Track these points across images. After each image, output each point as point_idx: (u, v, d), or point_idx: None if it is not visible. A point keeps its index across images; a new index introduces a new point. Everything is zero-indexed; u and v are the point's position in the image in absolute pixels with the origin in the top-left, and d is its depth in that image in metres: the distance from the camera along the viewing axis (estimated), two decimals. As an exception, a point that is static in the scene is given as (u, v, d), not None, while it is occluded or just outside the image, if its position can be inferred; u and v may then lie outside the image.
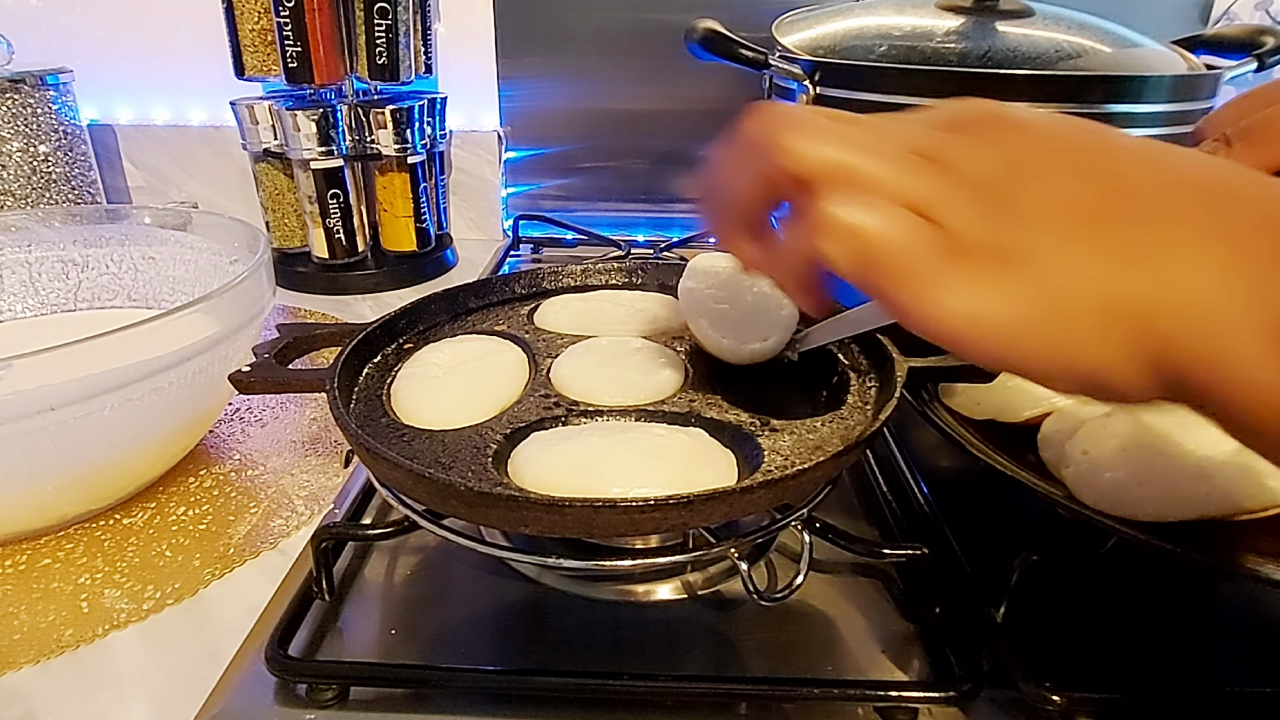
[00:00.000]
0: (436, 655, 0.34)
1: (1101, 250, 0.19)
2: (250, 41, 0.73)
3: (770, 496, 0.30)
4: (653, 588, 0.38)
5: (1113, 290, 0.19)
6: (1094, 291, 0.19)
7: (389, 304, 0.71)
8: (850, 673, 0.33)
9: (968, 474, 0.37)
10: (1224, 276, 0.18)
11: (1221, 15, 0.82)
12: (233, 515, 0.44)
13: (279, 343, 0.40)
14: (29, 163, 0.75)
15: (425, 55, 0.79)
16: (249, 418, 0.54)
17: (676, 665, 0.34)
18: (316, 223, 0.77)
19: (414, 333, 0.44)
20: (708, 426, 0.35)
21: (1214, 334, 0.18)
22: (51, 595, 0.38)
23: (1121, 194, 0.20)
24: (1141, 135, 0.60)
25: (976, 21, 0.64)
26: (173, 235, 0.57)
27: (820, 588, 0.38)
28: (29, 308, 0.56)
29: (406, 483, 0.31)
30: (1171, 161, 0.20)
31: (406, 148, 0.76)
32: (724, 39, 0.68)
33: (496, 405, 0.36)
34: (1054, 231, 0.20)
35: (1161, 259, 0.19)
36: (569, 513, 0.27)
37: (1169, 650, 0.35)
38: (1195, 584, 0.38)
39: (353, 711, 0.31)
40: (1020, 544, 0.34)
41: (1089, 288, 0.19)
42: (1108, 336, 0.19)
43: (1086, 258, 0.19)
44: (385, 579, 0.39)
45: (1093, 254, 0.19)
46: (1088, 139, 0.21)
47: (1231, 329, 0.18)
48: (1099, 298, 0.19)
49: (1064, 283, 0.19)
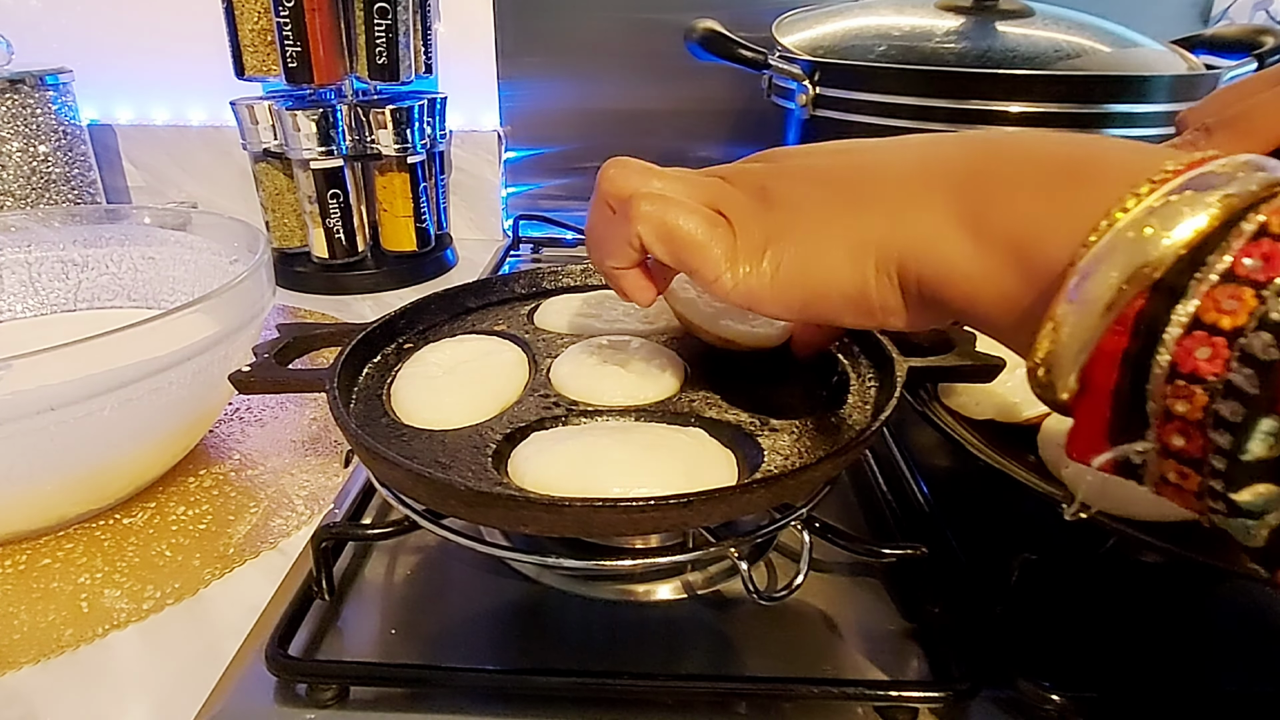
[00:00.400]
0: (436, 655, 0.34)
1: (839, 209, 0.26)
2: (250, 41, 0.73)
3: (770, 496, 0.30)
4: (652, 587, 0.38)
5: (854, 232, 0.26)
6: (841, 237, 0.26)
7: (389, 304, 0.71)
8: (849, 672, 0.33)
9: (967, 474, 0.37)
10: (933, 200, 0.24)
11: (1221, 15, 0.82)
12: (233, 515, 0.44)
13: (279, 343, 0.40)
14: (29, 163, 0.75)
15: (425, 55, 0.79)
16: (249, 418, 0.54)
17: (676, 665, 0.34)
18: (316, 223, 0.77)
19: (414, 333, 0.44)
20: (707, 426, 0.35)
21: (931, 240, 0.24)
22: (51, 595, 0.38)
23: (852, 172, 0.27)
24: (1141, 136, 0.60)
25: (976, 21, 0.64)
26: (173, 235, 0.57)
27: (820, 587, 0.38)
28: (29, 308, 0.56)
29: (406, 482, 0.31)
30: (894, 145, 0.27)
31: (406, 148, 0.76)
32: (724, 39, 0.68)
33: (496, 405, 0.36)
34: (807, 209, 0.27)
35: (889, 205, 0.25)
36: (568, 512, 0.28)
37: (1168, 650, 0.35)
38: (1195, 584, 0.38)
39: (353, 711, 0.31)
40: (1019, 544, 0.34)
41: (837, 237, 0.26)
42: (858, 263, 0.25)
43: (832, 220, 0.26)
44: (385, 579, 0.39)
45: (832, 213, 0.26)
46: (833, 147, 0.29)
47: (941, 231, 0.24)
48: (845, 240, 0.26)
49: (819, 238, 0.26)
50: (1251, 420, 0.17)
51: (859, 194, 0.26)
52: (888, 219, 0.25)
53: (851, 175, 0.27)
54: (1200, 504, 0.19)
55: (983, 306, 0.23)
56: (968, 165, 0.24)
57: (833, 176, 0.27)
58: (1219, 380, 0.18)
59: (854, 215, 0.26)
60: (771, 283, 0.27)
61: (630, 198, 0.29)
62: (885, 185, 0.26)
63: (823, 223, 0.26)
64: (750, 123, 0.88)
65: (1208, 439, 0.18)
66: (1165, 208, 0.19)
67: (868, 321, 0.27)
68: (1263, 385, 0.17)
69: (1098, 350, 0.20)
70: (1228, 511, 0.19)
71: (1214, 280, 0.18)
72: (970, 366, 0.37)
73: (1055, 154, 0.23)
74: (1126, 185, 0.19)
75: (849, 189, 0.26)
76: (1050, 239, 0.21)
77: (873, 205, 0.25)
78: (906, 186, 0.25)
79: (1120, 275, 0.19)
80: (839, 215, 0.26)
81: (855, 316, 0.27)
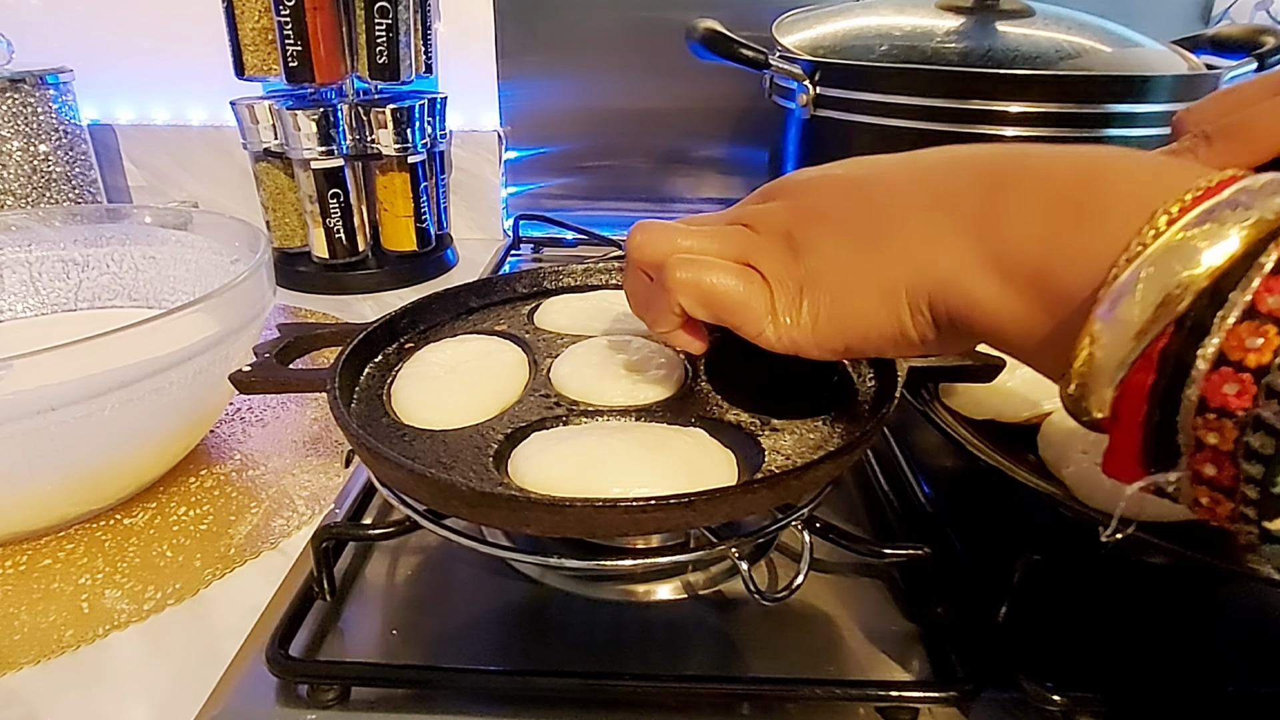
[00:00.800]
0: (438, 655, 0.34)
1: (865, 253, 0.27)
2: (250, 41, 0.73)
3: (771, 496, 0.30)
4: (654, 588, 0.38)
5: (883, 275, 0.26)
6: (871, 281, 0.27)
7: (389, 304, 0.71)
8: (852, 672, 0.33)
9: (968, 474, 0.37)
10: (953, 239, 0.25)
11: (1221, 15, 0.82)
12: (233, 515, 0.44)
13: (279, 343, 0.40)
14: (29, 162, 0.75)
15: (425, 55, 0.79)
16: (249, 418, 0.54)
17: (678, 665, 0.34)
18: (317, 222, 0.77)
19: (414, 332, 0.44)
20: (708, 426, 0.35)
21: (956, 278, 0.24)
22: (52, 595, 0.38)
23: (872, 210, 0.27)
24: (1142, 136, 0.60)
25: (977, 21, 0.64)
26: (173, 235, 0.57)
27: (821, 587, 0.38)
28: (29, 308, 0.56)
29: (407, 483, 0.31)
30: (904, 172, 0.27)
31: (407, 147, 0.76)
32: (724, 39, 0.68)
33: (497, 405, 0.36)
34: (833, 257, 0.28)
35: (910, 246, 0.26)
36: (570, 513, 0.27)
37: (1170, 650, 0.35)
38: (1195, 584, 0.38)
39: (354, 712, 0.31)
40: (1021, 544, 0.34)
41: (868, 281, 0.27)
42: (892, 304, 0.26)
43: (859, 264, 0.27)
44: (386, 579, 0.39)
45: (860, 258, 0.27)
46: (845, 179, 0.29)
47: (963, 269, 0.24)
48: (876, 284, 0.27)
49: (850, 286, 0.27)
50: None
51: (880, 234, 0.27)
52: (912, 261, 0.26)
53: (871, 211, 0.27)
54: (1235, 526, 0.20)
55: (1009, 334, 0.24)
56: (981, 195, 0.24)
57: (852, 217, 0.28)
58: (1248, 415, 0.18)
59: (880, 256, 0.26)
60: (814, 332, 0.28)
61: (664, 266, 0.30)
62: (905, 224, 0.26)
63: (851, 267, 0.27)
64: (751, 123, 0.88)
65: (1239, 469, 0.18)
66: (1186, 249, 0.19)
67: (910, 352, 0.28)
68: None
69: (1125, 386, 0.20)
70: (1260, 538, 0.19)
71: (1236, 317, 0.18)
72: (970, 366, 0.37)
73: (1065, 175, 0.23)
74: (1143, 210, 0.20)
75: (870, 230, 0.27)
76: (1069, 270, 0.21)
77: (894, 245, 0.26)
78: (925, 224, 0.25)
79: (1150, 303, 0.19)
80: (866, 259, 0.27)
81: (897, 350, 0.28)
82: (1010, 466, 0.35)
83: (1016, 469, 0.35)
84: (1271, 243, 0.18)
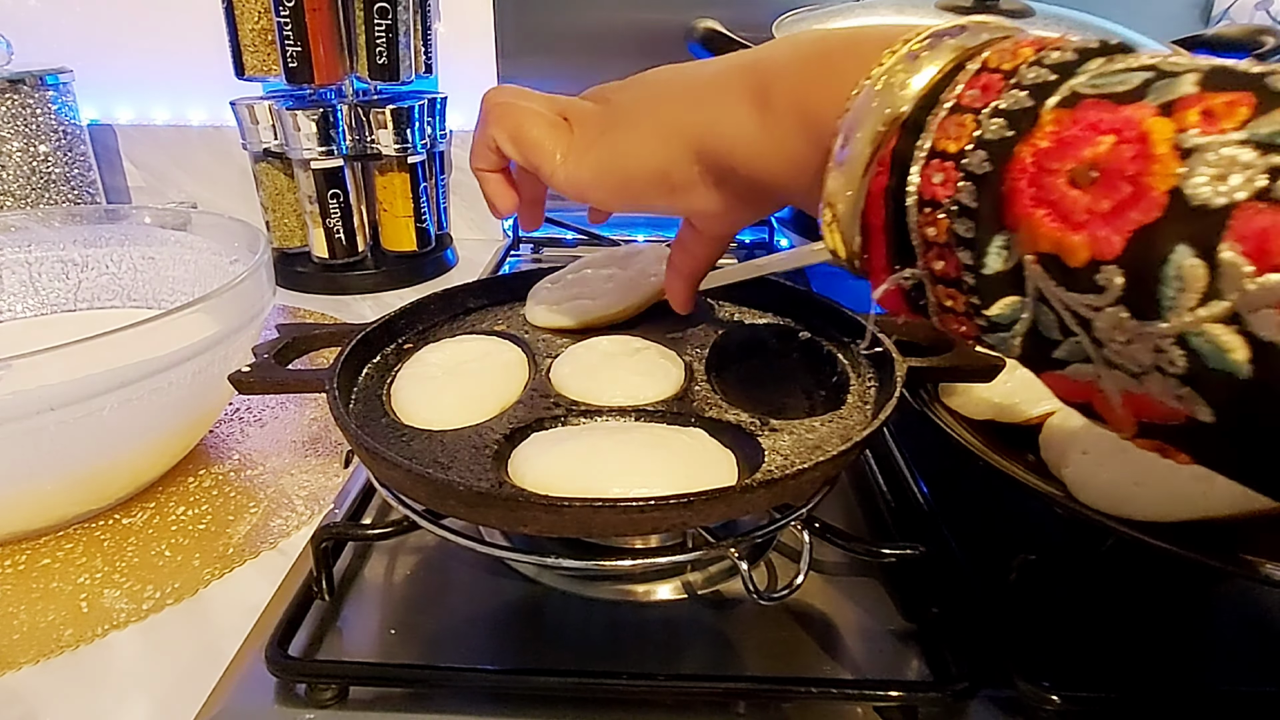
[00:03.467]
0: (436, 655, 0.34)
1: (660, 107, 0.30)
2: (250, 41, 0.73)
3: (770, 496, 0.30)
4: (652, 587, 0.38)
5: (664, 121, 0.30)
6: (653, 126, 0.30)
7: (389, 304, 0.71)
8: (849, 672, 0.34)
9: (967, 474, 0.37)
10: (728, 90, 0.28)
11: (1221, 15, 0.82)
12: (232, 515, 0.44)
13: (279, 343, 0.40)
14: (29, 163, 0.75)
15: (425, 55, 0.79)
16: (249, 418, 0.54)
17: (676, 665, 0.34)
18: (316, 223, 0.77)
19: (414, 333, 0.44)
20: (707, 426, 0.35)
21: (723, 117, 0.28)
22: (51, 595, 0.38)
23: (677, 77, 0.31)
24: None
25: (976, 21, 0.64)
26: (173, 235, 0.57)
27: (819, 587, 0.38)
28: (29, 308, 0.56)
29: (406, 483, 0.31)
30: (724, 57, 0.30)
31: (406, 148, 0.76)
32: (724, 39, 0.68)
33: (496, 405, 0.36)
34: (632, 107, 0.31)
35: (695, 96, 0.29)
36: (568, 513, 0.27)
37: (1168, 650, 0.35)
38: (1194, 584, 0.38)
39: (352, 711, 0.31)
40: (1019, 544, 0.34)
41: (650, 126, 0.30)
42: (665, 146, 0.30)
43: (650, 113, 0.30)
44: (385, 579, 0.39)
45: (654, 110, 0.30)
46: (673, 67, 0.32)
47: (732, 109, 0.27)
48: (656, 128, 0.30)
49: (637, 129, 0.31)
50: (984, 235, 0.19)
51: (675, 91, 0.30)
52: (692, 106, 0.29)
53: (676, 78, 0.31)
54: (972, 326, 0.21)
55: (772, 171, 0.27)
56: (761, 54, 0.28)
57: (662, 80, 0.31)
58: (952, 201, 0.20)
59: (667, 108, 0.30)
60: (594, 170, 0.32)
61: (489, 104, 0.35)
62: (698, 82, 0.30)
63: (642, 115, 0.31)
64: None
65: (956, 258, 0.20)
66: (911, 61, 0.21)
67: (674, 200, 0.31)
68: (980, 199, 0.19)
69: (869, 193, 0.22)
70: (987, 326, 0.21)
71: (944, 113, 0.20)
72: (970, 366, 0.37)
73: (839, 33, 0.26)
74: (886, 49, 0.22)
75: (670, 88, 0.31)
76: (826, 103, 0.23)
77: (683, 97, 0.30)
78: (714, 81, 0.29)
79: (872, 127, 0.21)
80: (657, 109, 0.30)
81: (661, 196, 0.31)
82: (1010, 466, 0.35)
83: (1016, 469, 0.35)
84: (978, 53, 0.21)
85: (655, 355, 0.40)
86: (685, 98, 0.30)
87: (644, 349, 0.40)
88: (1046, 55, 0.20)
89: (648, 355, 0.39)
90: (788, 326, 0.44)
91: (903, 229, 0.21)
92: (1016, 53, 0.20)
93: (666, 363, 0.39)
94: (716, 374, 0.39)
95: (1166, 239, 0.16)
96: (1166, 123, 0.16)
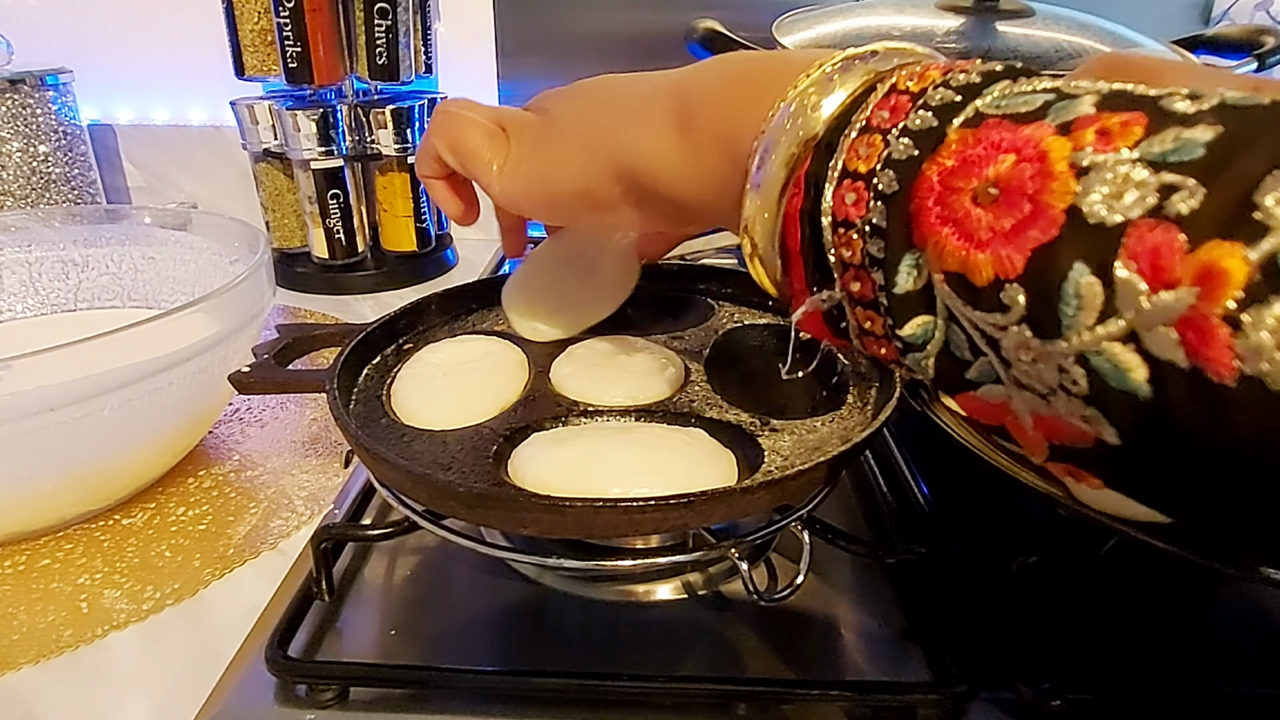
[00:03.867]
0: (436, 656, 0.34)
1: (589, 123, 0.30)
2: (250, 41, 0.73)
3: (770, 497, 0.30)
4: (652, 588, 0.38)
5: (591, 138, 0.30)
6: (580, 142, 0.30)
7: (389, 304, 0.71)
8: (849, 673, 0.33)
9: (967, 475, 0.37)
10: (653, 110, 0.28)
11: (1221, 15, 0.82)
12: (232, 516, 0.44)
13: (279, 343, 0.40)
14: (29, 163, 0.75)
15: (425, 55, 0.79)
16: (249, 418, 0.54)
17: (676, 666, 0.34)
18: (316, 223, 0.77)
19: (414, 333, 0.44)
20: (708, 426, 0.35)
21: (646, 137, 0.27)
22: (51, 595, 0.38)
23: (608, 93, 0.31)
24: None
25: (976, 21, 0.64)
26: (173, 235, 0.57)
27: (820, 588, 0.38)
28: (29, 308, 0.56)
29: (406, 483, 0.31)
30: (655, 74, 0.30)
31: (407, 148, 0.76)
32: (724, 39, 0.68)
33: (496, 406, 0.36)
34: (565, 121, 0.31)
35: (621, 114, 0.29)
36: (569, 513, 0.27)
37: (1168, 652, 0.35)
38: (1195, 585, 0.38)
39: (352, 712, 0.31)
40: (1019, 545, 0.34)
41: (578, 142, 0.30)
42: (589, 162, 0.29)
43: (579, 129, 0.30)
44: (385, 579, 0.39)
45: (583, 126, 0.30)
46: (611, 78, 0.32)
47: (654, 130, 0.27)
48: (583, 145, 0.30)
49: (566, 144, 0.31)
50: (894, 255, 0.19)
51: (604, 108, 0.30)
52: (616, 125, 0.29)
53: (609, 94, 0.31)
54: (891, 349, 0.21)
55: (694, 193, 0.27)
56: (688, 74, 0.28)
57: (596, 94, 0.31)
58: (864, 221, 0.20)
59: (594, 125, 0.30)
60: (524, 183, 0.32)
61: (435, 115, 0.35)
62: (627, 100, 0.30)
63: (571, 130, 0.31)
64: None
65: (871, 279, 0.20)
66: (825, 83, 0.22)
67: (599, 217, 0.31)
68: (889, 218, 0.19)
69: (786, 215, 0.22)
70: (903, 348, 0.21)
71: (855, 133, 0.20)
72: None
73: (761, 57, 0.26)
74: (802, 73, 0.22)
75: (600, 104, 0.31)
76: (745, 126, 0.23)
77: (610, 115, 0.30)
78: (640, 100, 0.29)
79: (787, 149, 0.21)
80: (584, 126, 0.30)
81: (586, 212, 0.31)
82: (1011, 467, 0.35)
83: (1017, 469, 0.35)
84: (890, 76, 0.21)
85: (655, 355, 0.40)
86: (612, 116, 0.30)
87: (644, 349, 0.40)
88: (954, 77, 0.20)
89: (648, 355, 0.39)
90: (788, 326, 0.43)
91: (820, 250, 0.21)
92: (925, 75, 0.20)
93: (666, 363, 0.39)
94: (716, 374, 0.39)
95: (1065, 257, 0.16)
96: (1064, 142, 0.17)
